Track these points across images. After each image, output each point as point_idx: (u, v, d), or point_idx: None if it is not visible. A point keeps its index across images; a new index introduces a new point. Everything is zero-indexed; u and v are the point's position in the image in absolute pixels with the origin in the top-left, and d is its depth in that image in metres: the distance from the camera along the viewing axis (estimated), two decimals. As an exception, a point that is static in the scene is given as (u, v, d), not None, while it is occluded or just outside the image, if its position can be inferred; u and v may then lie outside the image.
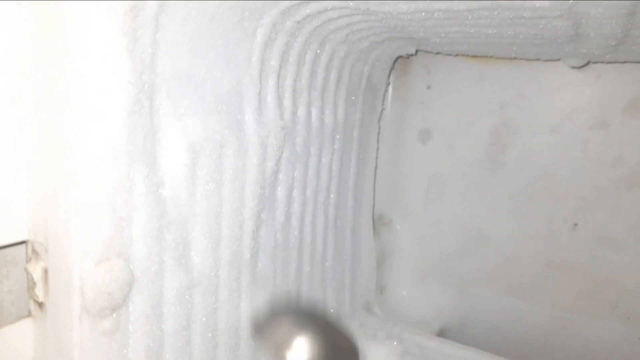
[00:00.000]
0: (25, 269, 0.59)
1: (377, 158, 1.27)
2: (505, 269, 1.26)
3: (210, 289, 0.75)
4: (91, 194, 0.57)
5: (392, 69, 1.24)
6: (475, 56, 1.22)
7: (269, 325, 0.58)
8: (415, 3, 0.74)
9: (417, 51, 1.14)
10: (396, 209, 1.37)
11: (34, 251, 0.58)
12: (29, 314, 0.60)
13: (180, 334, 0.70)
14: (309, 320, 0.59)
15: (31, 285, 0.59)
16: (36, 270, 0.57)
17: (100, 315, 0.58)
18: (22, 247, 0.59)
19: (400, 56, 1.19)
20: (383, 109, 1.27)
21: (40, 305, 0.59)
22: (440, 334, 1.28)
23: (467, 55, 1.22)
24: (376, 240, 1.33)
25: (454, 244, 1.31)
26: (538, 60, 1.14)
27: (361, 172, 1.20)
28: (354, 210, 1.17)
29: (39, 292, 0.58)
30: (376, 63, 1.12)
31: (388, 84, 1.27)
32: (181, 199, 0.69)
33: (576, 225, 1.18)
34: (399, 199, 1.36)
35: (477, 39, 0.93)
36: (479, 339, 1.21)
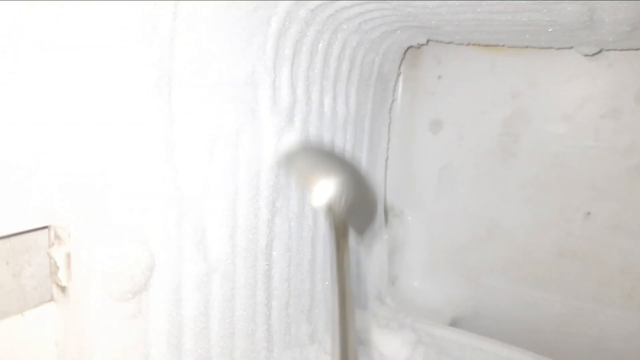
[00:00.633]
0: (48, 254, 0.59)
1: (388, 149, 1.27)
2: (517, 258, 1.26)
3: (228, 275, 0.75)
4: (113, 181, 0.58)
5: (402, 59, 1.24)
6: (486, 45, 1.21)
7: (301, 157, 0.61)
8: (429, -11, 0.74)
9: (428, 41, 1.14)
10: (407, 199, 1.37)
11: (57, 236, 0.59)
12: (51, 299, 0.61)
13: (199, 319, 0.70)
14: (340, 164, 0.61)
15: (54, 269, 0.60)
16: (59, 254, 0.58)
17: (122, 299, 0.59)
18: (43, 232, 0.60)
19: (411, 46, 1.19)
20: (394, 100, 1.27)
21: (63, 289, 0.60)
22: (453, 324, 1.28)
23: (478, 45, 1.22)
24: (388, 231, 1.33)
25: (465, 234, 1.31)
26: (550, 48, 1.14)
27: (372, 163, 1.20)
28: (366, 201, 1.17)
29: (62, 276, 0.59)
30: (387, 53, 1.12)
31: (399, 74, 1.27)
32: (198, 186, 0.69)
33: (589, 214, 1.17)
34: (411, 190, 1.36)
35: (489, 26, 0.93)
36: (492, 328, 1.21)
